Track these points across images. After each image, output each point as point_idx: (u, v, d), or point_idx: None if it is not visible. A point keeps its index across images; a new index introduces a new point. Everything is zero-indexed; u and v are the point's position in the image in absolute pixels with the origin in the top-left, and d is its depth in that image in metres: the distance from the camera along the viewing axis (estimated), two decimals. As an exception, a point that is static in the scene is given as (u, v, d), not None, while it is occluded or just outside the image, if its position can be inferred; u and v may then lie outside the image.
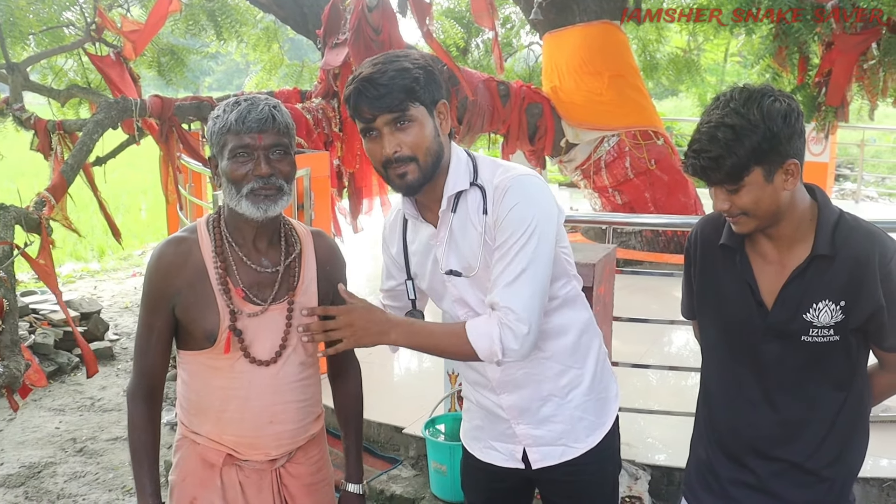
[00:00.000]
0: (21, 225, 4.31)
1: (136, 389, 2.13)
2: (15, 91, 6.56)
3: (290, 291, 2.12)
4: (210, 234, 2.10)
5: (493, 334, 1.92)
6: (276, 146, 2.00)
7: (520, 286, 1.93)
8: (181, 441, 2.21)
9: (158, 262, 2.08)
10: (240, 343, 2.06)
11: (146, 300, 2.10)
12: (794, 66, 7.62)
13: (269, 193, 2.00)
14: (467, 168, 2.07)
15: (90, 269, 10.45)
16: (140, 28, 7.15)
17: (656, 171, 8.04)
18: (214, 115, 2.03)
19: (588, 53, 8.13)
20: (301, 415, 2.18)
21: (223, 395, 2.10)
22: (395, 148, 1.96)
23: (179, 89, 9.89)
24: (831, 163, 12.43)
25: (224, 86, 43.63)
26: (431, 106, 2.00)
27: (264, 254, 2.12)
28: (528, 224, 1.94)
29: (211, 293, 2.05)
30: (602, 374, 2.25)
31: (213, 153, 2.06)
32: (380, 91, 1.92)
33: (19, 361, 3.96)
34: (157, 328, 2.09)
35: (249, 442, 2.13)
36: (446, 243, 2.08)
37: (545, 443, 2.19)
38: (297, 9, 7.62)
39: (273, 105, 2.02)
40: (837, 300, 1.91)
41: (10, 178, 12.61)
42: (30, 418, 5.62)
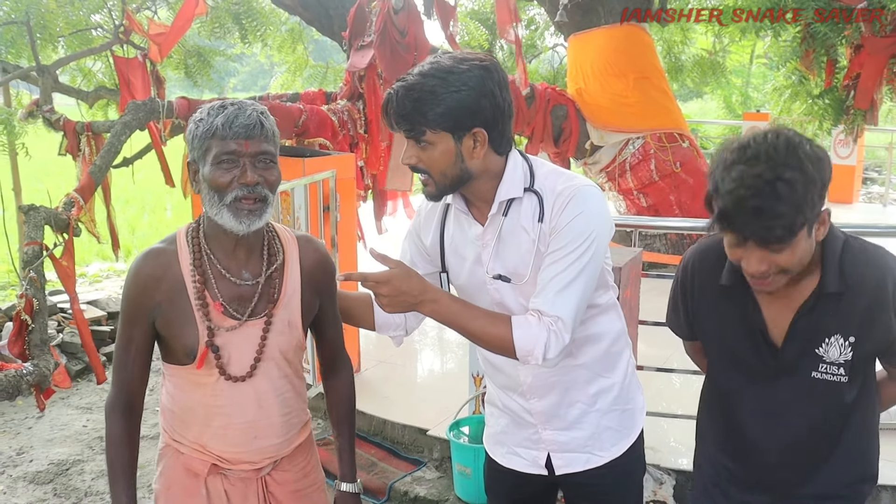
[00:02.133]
0: (50, 225, 4.37)
1: (115, 403, 2.07)
2: (45, 93, 6.64)
3: (269, 305, 2.05)
4: (189, 245, 2.02)
5: (540, 338, 1.89)
6: (263, 154, 1.92)
7: (569, 296, 1.91)
8: (165, 449, 2.17)
9: (136, 275, 1.99)
10: (216, 360, 1.99)
11: (125, 313, 2.03)
12: (822, 69, 7.54)
13: (254, 208, 1.92)
14: (523, 175, 2.01)
15: (117, 268, 10.53)
16: (166, 31, 7.22)
17: (681, 174, 8.00)
18: (197, 118, 1.94)
19: (613, 55, 8.10)
20: (286, 428, 2.14)
21: (206, 411, 2.05)
22: (411, 160, 1.95)
23: (205, 91, 9.95)
24: (859, 166, 12.32)
25: (249, 87, 43.87)
26: (461, 132, 1.91)
27: (245, 265, 2.03)
28: (588, 236, 1.92)
29: (189, 308, 1.98)
30: (630, 384, 2.24)
31: (192, 158, 1.96)
32: (405, 108, 1.88)
33: (48, 360, 4.01)
34: (135, 341, 2.02)
35: (234, 455, 2.09)
36: (493, 247, 2.04)
37: (570, 449, 2.18)
38: (322, 11, 7.66)
39: (261, 111, 1.95)
40: (847, 335, 1.84)
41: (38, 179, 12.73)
42: (58, 416, 5.68)
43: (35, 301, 4.03)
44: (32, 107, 6.56)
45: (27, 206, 4.35)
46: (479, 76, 1.89)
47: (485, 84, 1.89)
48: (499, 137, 1.96)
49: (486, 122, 1.92)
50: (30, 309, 3.99)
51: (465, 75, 1.88)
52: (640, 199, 8.23)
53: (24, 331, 3.98)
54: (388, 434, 4.57)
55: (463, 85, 1.87)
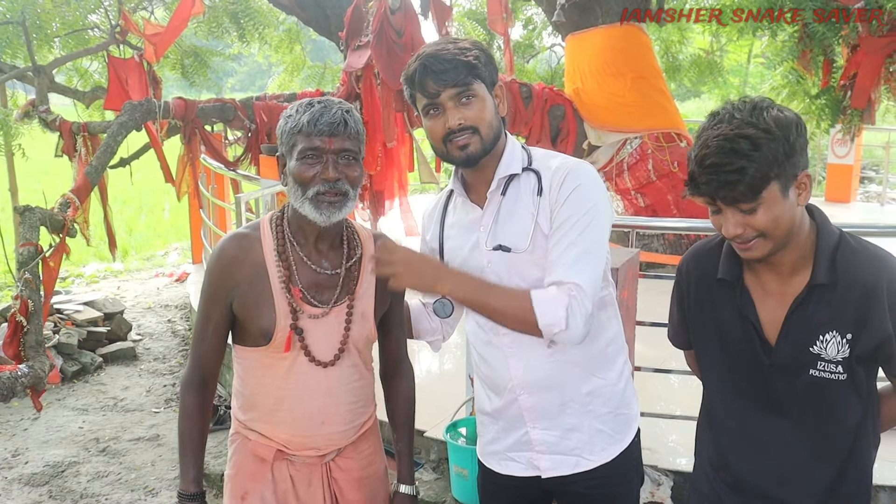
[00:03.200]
0: (46, 226, 4.36)
1: (190, 378, 2.16)
2: (41, 93, 6.63)
3: (349, 294, 2.13)
4: (273, 232, 2.12)
5: (561, 304, 1.88)
6: (346, 151, 2.01)
7: (585, 264, 1.94)
8: (234, 436, 2.24)
9: (220, 255, 2.10)
10: (300, 342, 2.08)
11: (205, 291, 2.12)
12: (819, 68, 7.54)
13: (334, 200, 2.00)
14: (521, 154, 2.12)
15: (114, 269, 10.52)
16: (162, 31, 7.20)
17: (679, 174, 7.98)
18: (287, 114, 2.05)
19: (611, 55, 8.09)
20: (352, 416, 2.20)
21: (277, 393, 2.12)
22: (459, 120, 2.01)
23: (202, 91, 9.95)
24: (856, 165, 12.33)
25: (247, 87, 43.87)
26: (490, 85, 2.06)
27: (325, 255, 2.13)
28: (592, 206, 1.99)
29: (269, 291, 2.06)
30: (625, 389, 2.22)
31: (281, 152, 2.07)
32: (445, 66, 1.98)
33: (44, 362, 4.00)
34: (214, 319, 2.11)
35: (300, 441, 2.15)
36: (491, 225, 2.10)
37: (559, 451, 2.16)
38: (319, 11, 7.64)
39: (346, 110, 2.03)
40: (844, 332, 1.80)
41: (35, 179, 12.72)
42: (54, 418, 5.67)
43: (30, 302, 4.01)
44: (28, 107, 6.56)
45: (23, 207, 4.34)
46: (481, 43, 2.12)
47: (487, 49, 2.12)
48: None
49: (496, 80, 2.11)
50: (25, 310, 3.98)
51: (473, 39, 2.12)
52: (637, 199, 8.22)
53: (20, 332, 3.97)
54: (384, 435, 4.53)
55: (478, 44, 2.09)
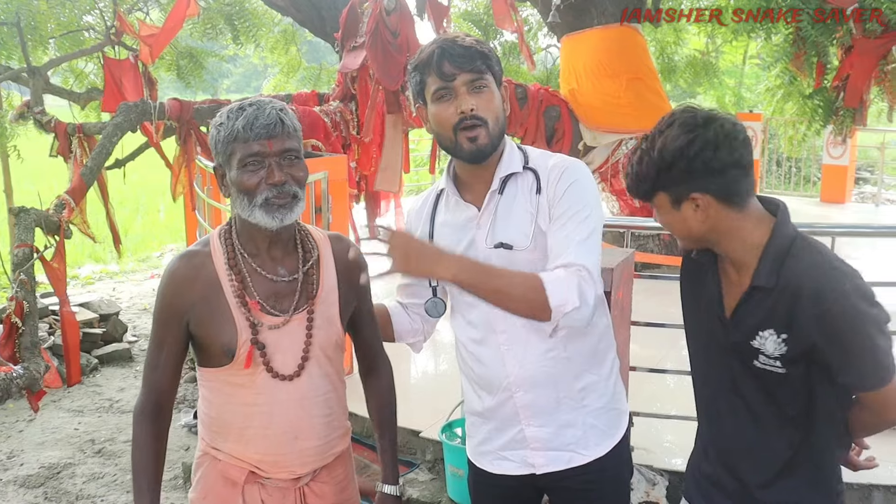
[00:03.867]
0: (41, 227, 4.35)
1: (144, 406, 2.05)
2: (36, 94, 6.62)
3: (309, 300, 2.05)
4: (223, 246, 2.02)
5: (572, 282, 1.89)
6: (288, 151, 1.93)
7: (589, 248, 1.98)
8: (202, 458, 2.14)
9: (171, 277, 2.00)
10: (262, 357, 1.99)
11: (157, 315, 2.03)
12: (812, 69, 7.57)
13: (284, 202, 1.93)
14: (520, 154, 2.14)
15: (109, 270, 10.51)
16: (157, 32, 7.20)
17: (674, 175, 8.00)
18: (217, 122, 1.94)
19: (606, 56, 8.10)
20: (327, 430, 2.11)
21: (246, 411, 2.03)
22: (471, 105, 2.01)
23: (198, 92, 9.94)
24: (851, 166, 12.35)
25: (242, 88, 43.83)
26: (499, 82, 2.10)
27: (280, 262, 2.04)
28: (588, 200, 2.03)
29: (226, 307, 1.97)
30: (616, 384, 2.25)
31: (218, 163, 1.97)
32: (463, 51, 2.01)
33: (39, 363, 4.00)
34: (167, 344, 2.02)
35: (273, 459, 2.06)
36: (490, 224, 2.10)
37: (553, 447, 2.17)
38: (314, 12, 7.65)
39: (279, 108, 1.95)
40: (780, 331, 1.84)
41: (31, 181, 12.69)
42: (49, 419, 5.66)
43: (25, 304, 4.01)
44: (23, 108, 6.55)
45: (17, 209, 4.34)
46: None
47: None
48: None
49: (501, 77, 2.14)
50: (20, 312, 3.98)
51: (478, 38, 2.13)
52: (633, 200, 8.23)
53: (15, 333, 3.96)
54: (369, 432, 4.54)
55: (484, 41, 2.12)
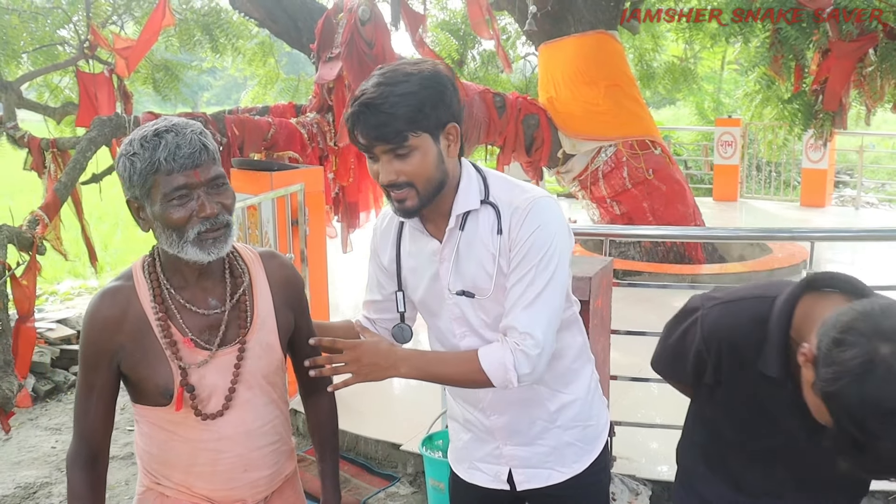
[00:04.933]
0: (14, 244, 4.28)
1: (77, 454, 1.93)
2: (8, 109, 6.55)
3: (241, 330, 1.91)
4: (147, 279, 1.87)
5: (506, 362, 1.89)
6: (215, 179, 1.78)
7: (538, 310, 1.90)
8: (146, 493, 2.01)
9: (93, 317, 1.85)
10: (191, 400, 1.86)
11: (84, 358, 1.88)
12: (790, 74, 7.59)
13: (218, 235, 1.79)
14: (478, 186, 1.99)
15: (88, 286, 10.41)
16: (132, 45, 7.14)
17: (654, 181, 8.01)
18: (129, 152, 1.74)
19: (584, 63, 8.11)
20: (275, 457, 2.03)
21: (190, 448, 1.91)
22: (391, 177, 1.87)
23: (178, 105, 9.88)
24: (830, 169, 12.43)
25: (223, 100, 43.71)
26: (438, 130, 1.88)
27: (211, 293, 1.90)
28: (549, 247, 1.90)
29: (158, 346, 1.84)
30: (593, 401, 2.21)
31: (133, 195, 1.79)
32: (379, 119, 1.80)
33: (12, 382, 3.93)
34: (97, 387, 1.88)
35: (224, 493, 1.96)
36: (452, 261, 2.01)
37: (531, 465, 2.16)
38: (290, 23, 7.60)
39: (199, 132, 1.77)
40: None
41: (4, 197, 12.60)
42: (26, 438, 5.57)
43: (-2, 322, 3.94)
44: (-5, 123, 6.48)
45: (-11, 225, 4.27)
46: (438, 73, 1.88)
47: (445, 80, 1.89)
48: (463, 136, 1.96)
49: (456, 115, 1.91)
50: (-9, 330, 3.91)
51: (423, 75, 1.85)
52: (613, 207, 8.23)
53: (-14, 352, 3.89)
54: (360, 450, 4.50)
55: (426, 80, 1.84)
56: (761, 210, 12.35)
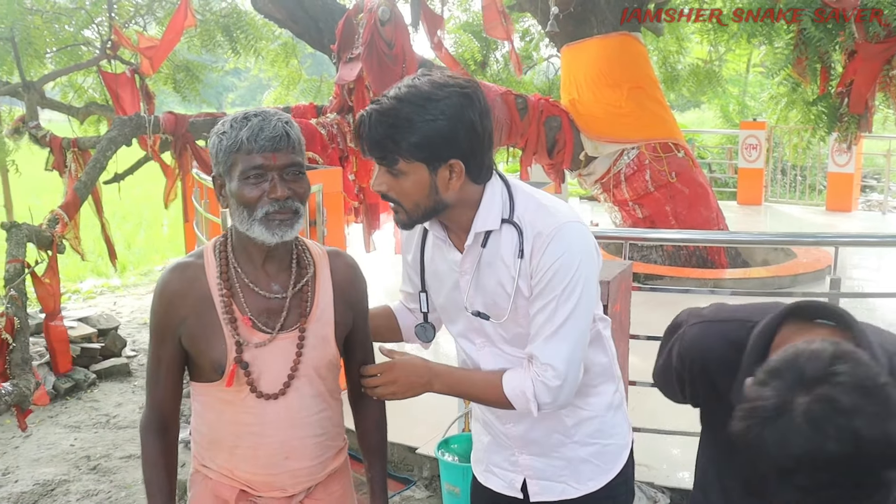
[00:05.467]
0: (33, 242, 4.31)
1: (149, 422, 2.03)
2: (31, 109, 6.60)
3: (301, 318, 1.97)
4: (216, 259, 1.96)
5: (527, 391, 1.90)
6: (291, 166, 1.86)
7: (560, 339, 1.87)
8: (194, 476, 2.10)
9: (163, 290, 1.95)
10: (246, 377, 1.92)
11: (153, 330, 1.99)
12: (816, 75, 7.50)
13: (285, 218, 1.86)
14: (502, 205, 1.92)
15: (111, 284, 10.46)
16: (156, 44, 7.18)
17: (677, 184, 7.95)
18: (219, 131, 1.87)
19: (607, 65, 8.06)
20: (319, 450, 2.04)
21: (235, 429, 1.98)
22: (379, 188, 1.87)
23: (202, 105, 9.91)
24: (857, 173, 12.29)
25: (247, 101, 43.92)
26: (437, 163, 1.81)
27: (274, 278, 1.97)
28: (573, 276, 1.84)
29: (217, 322, 1.92)
30: (614, 420, 2.15)
31: (218, 172, 1.90)
32: (377, 134, 1.79)
33: (29, 380, 3.94)
34: (165, 359, 1.98)
35: (264, 479, 2.00)
36: (473, 276, 1.97)
37: (546, 477, 2.12)
38: (312, 24, 7.61)
39: (285, 120, 1.87)
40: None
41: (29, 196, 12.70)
42: (45, 435, 5.60)
43: (16, 319, 3.96)
44: (18, 123, 6.53)
45: (9, 224, 4.30)
46: (459, 104, 1.79)
47: (464, 113, 1.80)
48: (476, 169, 1.87)
49: (464, 153, 1.83)
50: (10, 328, 3.93)
51: (444, 103, 1.78)
52: (635, 210, 8.17)
53: (5, 350, 3.91)
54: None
55: (441, 114, 1.77)
56: (786, 214, 12.23)
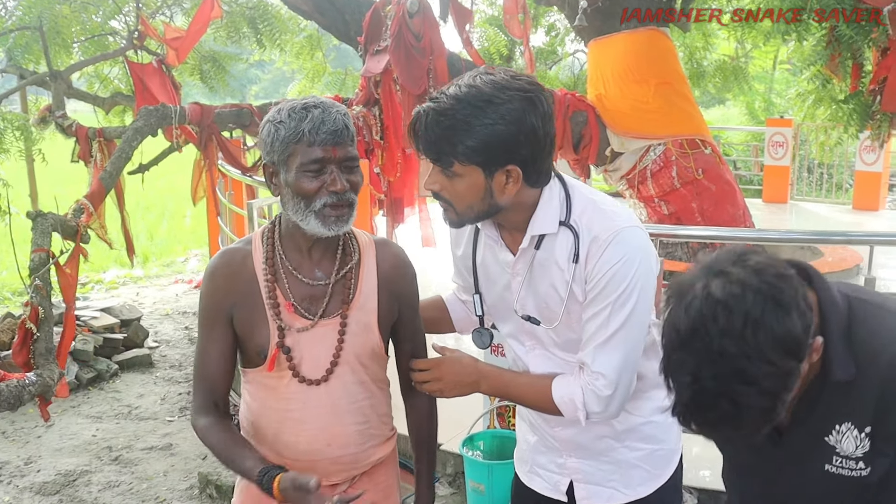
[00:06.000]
0: (58, 232, 4.30)
1: (201, 409, 1.98)
2: (57, 98, 6.61)
3: (343, 305, 1.97)
4: (263, 245, 1.99)
5: (577, 400, 1.87)
6: (349, 159, 1.87)
7: (612, 349, 1.82)
8: None
9: (213, 273, 1.99)
10: (287, 361, 1.94)
11: (202, 316, 2.00)
12: (847, 73, 7.39)
13: (341, 213, 1.87)
14: (559, 208, 1.86)
15: (134, 275, 10.50)
16: (182, 35, 7.17)
17: (703, 181, 7.84)
18: (276, 119, 1.86)
19: (634, 60, 7.97)
20: (362, 438, 2.03)
21: (278, 416, 1.99)
22: (433, 186, 1.83)
23: (226, 97, 9.92)
24: (885, 172, 12.12)
25: (271, 94, 43.88)
26: (493, 167, 1.76)
27: (318, 265, 1.98)
28: (629, 283, 1.79)
29: (262, 307, 1.94)
30: (665, 425, 2.08)
31: (271, 160, 1.89)
32: (433, 134, 1.75)
33: (53, 370, 3.92)
34: (217, 341, 1.98)
35: (305, 466, 1.97)
36: (525, 278, 1.92)
37: (594, 481, 2.06)
38: (338, 16, 7.56)
39: (343, 112, 1.87)
40: (862, 426, 1.52)
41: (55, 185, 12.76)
42: (67, 425, 5.62)
43: (41, 309, 3.95)
44: (45, 112, 6.54)
45: (35, 213, 4.28)
46: (521, 109, 1.73)
47: (525, 118, 1.73)
48: (535, 174, 1.82)
49: (523, 159, 1.77)
50: (35, 317, 3.91)
51: (505, 107, 1.72)
52: (661, 207, 8.08)
53: (29, 340, 3.90)
54: (400, 448, 4.43)
55: (501, 118, 1.71)
56: (812, 212, 12.10)
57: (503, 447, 3.68)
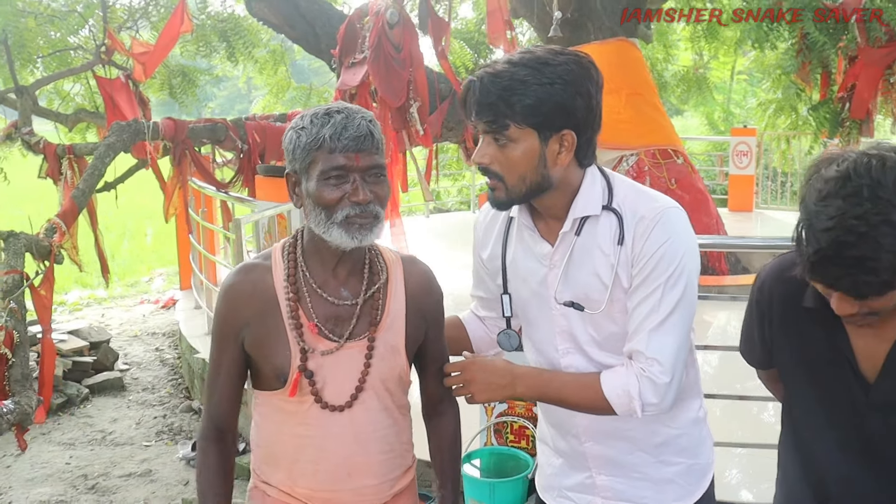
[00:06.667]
0: (31, 253, 4.15)
1: (206, 432, 1.93)
2: (24, 115, 6.44)
3: (371, 327, 1.86)
4: (284, 261, 1.87)
5: (631, 389, 1.74)
6: (374, 168, 1.76)
7: (666, 333, 1.74)
8: (253, 492, 1.99)
9: (227, 291, 1.86)
10: (310, 386, 1.81)
11: (215, 334, 1.90)
12: (818, 81, 7.48)
13: (365, 223, 1.75)
14: (602, 191, 1.82)
15: (97, 296, 10.26)
16: (150, 49, 7.03)
17: (677, 191, 7.85)
18: (299, 125, 1.77)
19: (605, 71, 7.74)
20: (385, 468, 1.91)
21: (296, 442, 1.86)
22: (482, 160, 1.75)
23: (182, 114, 9.76)
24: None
25: (227, 111, 43.74)
26: (549, 131, 1.72)
27: (344, 283, 1.86)
28: (679, 264, 1.73)
29: (282, 328, 1.82)
30: (700, 436, 2.00)
31: (293, 169, 1.80)
32: (487, 96, 1.70)
33: (31, 397, 3.77)
34: (225, 364, 1.88)
35: (325, 497, 1.87)
36: (563, 269, 1.83)
37: (626, 499, 1.96)
38: (309, 29, 7.47)
39: (369, 119, 1.77)
40: None
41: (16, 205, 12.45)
42: (38, 453, 5.41)
43: (16, 333, 3.80)
44: (11, 129, 6.35)
45: (7, 233, 4.13)
46: (577, 72, 1.71)
47: (581, 81, 1.72)
48: (586, 145, 1.78)
49: (578, 124, 1.73)
50: (10, 342, 3.76)
51: (561, 68, 1.70)
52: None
53: (4, 366, 3.74)
54: (419, 472, 4.34)
55: (558, 77, 1.69)
56: (777, 220, 12.19)
57: (501, 465, 3.59)
